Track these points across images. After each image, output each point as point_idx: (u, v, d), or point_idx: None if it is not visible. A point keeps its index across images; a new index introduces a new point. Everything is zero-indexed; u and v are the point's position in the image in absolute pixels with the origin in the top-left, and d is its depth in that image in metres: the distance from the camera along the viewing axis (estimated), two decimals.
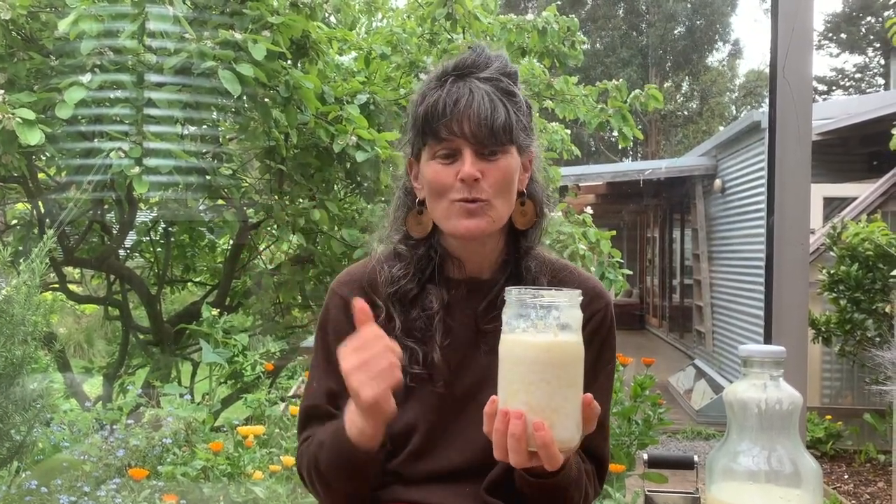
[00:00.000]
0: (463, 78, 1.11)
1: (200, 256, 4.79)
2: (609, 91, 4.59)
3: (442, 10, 4.02)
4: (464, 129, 1.08)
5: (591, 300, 1.17)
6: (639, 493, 2.78)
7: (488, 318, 1.15)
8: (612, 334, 1.19)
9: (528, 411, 0.86)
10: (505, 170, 1.11)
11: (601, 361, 1.16)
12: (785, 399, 0.89)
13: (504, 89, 1.11)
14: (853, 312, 5.49)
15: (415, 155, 1.17)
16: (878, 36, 21.34)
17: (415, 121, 1.14)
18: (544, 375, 0.86)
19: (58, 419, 3.41)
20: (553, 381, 0.86)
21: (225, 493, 2.59)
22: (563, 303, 0.89)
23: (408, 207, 1.21)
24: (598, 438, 1.12)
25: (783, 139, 1.80)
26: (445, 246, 1.19)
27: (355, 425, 1.02)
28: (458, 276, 1.19)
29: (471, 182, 1.08)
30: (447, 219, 1.12)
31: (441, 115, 1.08)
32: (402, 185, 1.24)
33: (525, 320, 0.88)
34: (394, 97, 3.82)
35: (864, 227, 5.53)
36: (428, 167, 1.13)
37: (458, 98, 1.08)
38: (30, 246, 3.38)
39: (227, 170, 3.61)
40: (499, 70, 1.13)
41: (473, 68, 1.12)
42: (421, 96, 1.14)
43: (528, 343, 0.88)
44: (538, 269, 1.18)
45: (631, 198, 12.47)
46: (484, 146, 1.09)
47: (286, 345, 3.99)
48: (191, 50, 2.85)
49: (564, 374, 0.87)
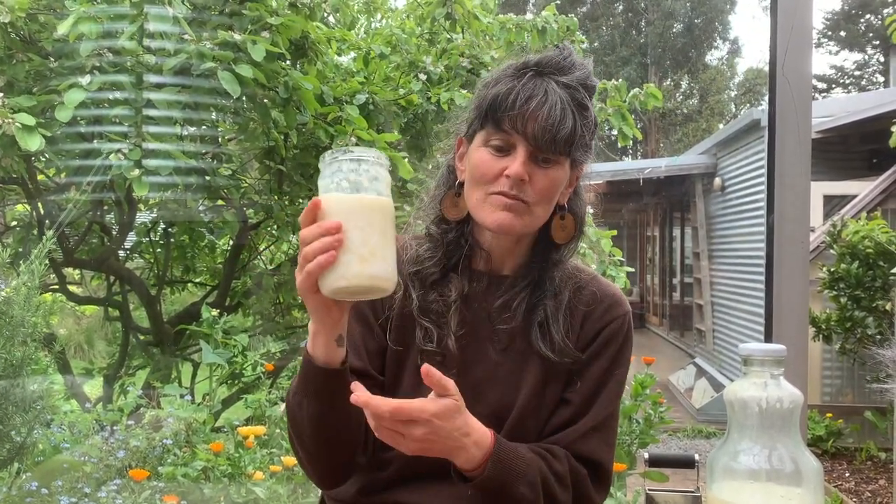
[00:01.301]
0: (542, 76, 1.08)
1: (200, 257, 4.79)
2: (608, 91, 4.59)
3: (441, 10, 4.02)
4: (527, 128, 1.06)
5: (610, 307, 1.17)
6: (640, 492, 2.78)
7: (503, 318, 1.14)
8: (628, 344, 1.18)
9: (346, 252, 0.89)
10: (553, 179, 1.09)
11: (613, 367, 1.15)
12: (785, 397, 0.89)
13: (579, 101, 1.08)
14: (854, 310, 5.49)
15: (469, 135, 1.15)
16: (878, 33, 21.34)
17: (480, 102, 1.12)
18: (359, 222, 0.89)
19: (58, 420, 3.41)
20: (366, 227, 0.90)
21: (225, 494, 2.59)
22: (370, 158, 0.93)
23: (448, 186, 1.19)
24: (593, 441, 1.11)
25: (783, 137, 1.80)
26: (476, 237, 1.17)
27: (310, 335, 1.02)
28: (482, 269, 1.18)
29: (517, 182, 1.07)
30: (481, 208, 1.10)
31: (510, 106, 1.06)
32: (445, 164, 1.22)
33: (337, 175, 0.92)
34: (393, 97, 3.82)
35: (865, 225, 5.54)
36: (477, 152, 1.11)
37: (531, 95, 1.06)
38: (29, 247, 3.38)
39: (226, 170, 3.61)
40: (579, 80, 1.09)
41: (556, 70, 1.09)
42: (494, 80, 1.12)
43: (343, 196, 0.92)
44: (562, 280, 1.17)
45: (631, 196, 12.46)
46: (541, 151, 1.07)
47: (286, 345, 3.98)
48: (190, 51, 2.85)
49: (376, 221, 0.91)
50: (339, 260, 0.89)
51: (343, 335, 1.01)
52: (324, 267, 0.89)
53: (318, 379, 1.02)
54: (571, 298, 1.16)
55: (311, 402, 1.03)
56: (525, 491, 1.03)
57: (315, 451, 1.08)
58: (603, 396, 1.14)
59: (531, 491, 1.04)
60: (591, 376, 1.14)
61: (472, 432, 0.98)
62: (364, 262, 0.89)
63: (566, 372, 1.14)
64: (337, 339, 1.01)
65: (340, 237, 0.88)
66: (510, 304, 1.14)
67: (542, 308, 1.14)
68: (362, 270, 0.89)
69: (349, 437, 1.08)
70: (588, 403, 1.13)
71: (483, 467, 1.00)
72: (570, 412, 1.13)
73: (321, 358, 1.01)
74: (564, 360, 1.13)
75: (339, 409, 1.03)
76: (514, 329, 1.14)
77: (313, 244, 0.89)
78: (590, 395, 1.13)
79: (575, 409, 1.13)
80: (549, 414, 1.14)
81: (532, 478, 1.04)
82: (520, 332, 1.14)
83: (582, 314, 1.16)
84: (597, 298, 1.17)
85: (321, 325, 0.99)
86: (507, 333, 1.14)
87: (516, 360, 1.13)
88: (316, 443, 1.07)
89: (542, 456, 1.08)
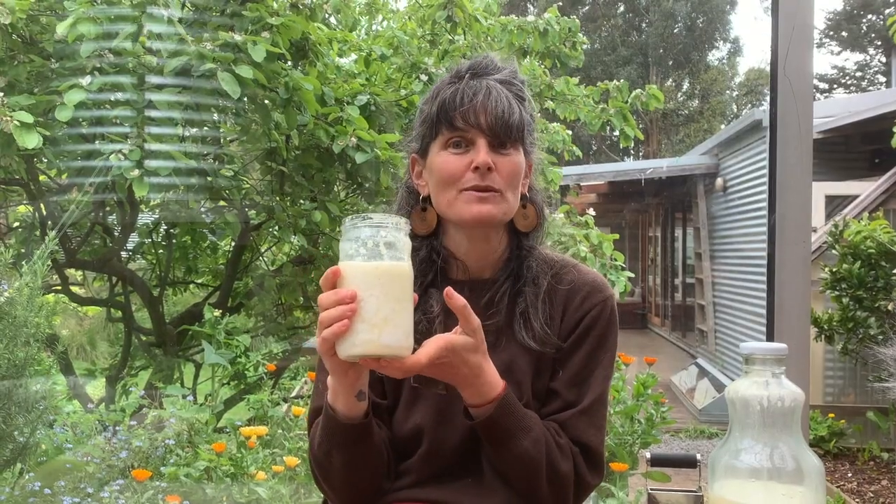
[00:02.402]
0: (479, 77, 1.16)
1: (202, 258, 4.79)
2: (610, 91, 4.59)
3: (442, 13, 4.02)
4: (480, 120, 1.12)
5: (589, 294, 1.19)
6: (641, 492, 2.78)
7: (489, 315, 1.16)
8: (612, 328, 1.19)
9: (360, 321, 0.92)
10: (515, 164, 1.14)
11: (597, 352, 1.17)
12: (787, 396, 0.89)
13: (517, 93, 1.16)
14: (855, 310, 5.48)
15: (422, 150, 1.19)
16: (880, 34, 21.32)
17: (426, 115, 1.17)
18: (373, 290, 0.91)
19: (60, 421, 3.42)
20: (381, 295, 0.91)
21: (228, 494, 2.59)
22: (389, 224, 0.94)
23: (411, 206, 1.22)
24: (582, 423, 1.13)
25: (784, 137, 1.80)
26: (448, 246, 1.20)
27: (331, 389, 1.04)
28: (461, 278, 1.20)
29: (485, 171, 1.11)
30: (454, 207, 1.14)
31: (459, 104, 1.12)
32: (403, 186, 1.26)
33: (356, 242, 0.94)
34: (394, 98, 3.82)
35: (866, 225, 5.52)
36: (438, 157, 1.15)
37: (476, 91, 1.13)
38: (32, 248, 3.39)
39: (228, 171, 3.61)
40: (511, 75, 1.18)
41: (488, 71, 1.17)
42: (435, 92, 1.18)
43: (358, 264, 0.94)
44: (539, 267, 1.20)
45: (632, 197, 12.46)
46: (498, 139, 1.12)
47: (288, 346, 3.99)
48: (190, 52, 2.85)
49: (392, 288, 0.93)
50: (353, 328, 0.92)
51: (364, 391, 1.05)
52: (338, 335, 0.92)
53: (342, 433, 1.06)
54: (552, 286, 1.19)
55: (339, 452, 1.08)
56: (529, 446, 1.06)
57: (345, 491, 1.13)
58: (590, 381, 1.16)
59: (535, 448, 1.07)
60: (576, 363, 1.16)
61: (484, 374, 1.03)
62: (377, 330, 0.91)
63: (554, 361, 1.17)
64: (357, 395, 1.04)
65: (354, 307, 0.91)
66: (494, 299, 1.17)
67: (522, 297, 1.17)
68: (374, 339, 0.91)
69: (377, 471, 1.12)
70: (576, 390, 1.15)
71: (489, 408, 1.04)
72: (560, 400, 1.15)
73: (343, 412, 1.05)
74: (546, 350, 1.15)
75: (367, 455, 1.08)
76: (499, 325, 1.17)
77: (329, 311, 0.92)
78: (578, 381, 1.15)
79: (564, 397, 1.15)
80: (542, 405, 1.16)
81: (537, 435, 1.07)
82: (505, 326, 1.17)
83: (563, 302, 1.18)
84: (576, 286, 1.19)
85: (340, 384, 1.03)
86: (494, 331, 1.16)
87: (505, 356, 1.15)
88: (345, 485, 1.12)
89: (546, 426, 1.11)
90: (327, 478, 1.12)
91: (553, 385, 1.16)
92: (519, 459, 1.06)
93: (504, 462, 1.08)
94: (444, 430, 1.13)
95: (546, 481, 1.08)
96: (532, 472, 1.07)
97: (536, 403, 1.15)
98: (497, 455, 1.08)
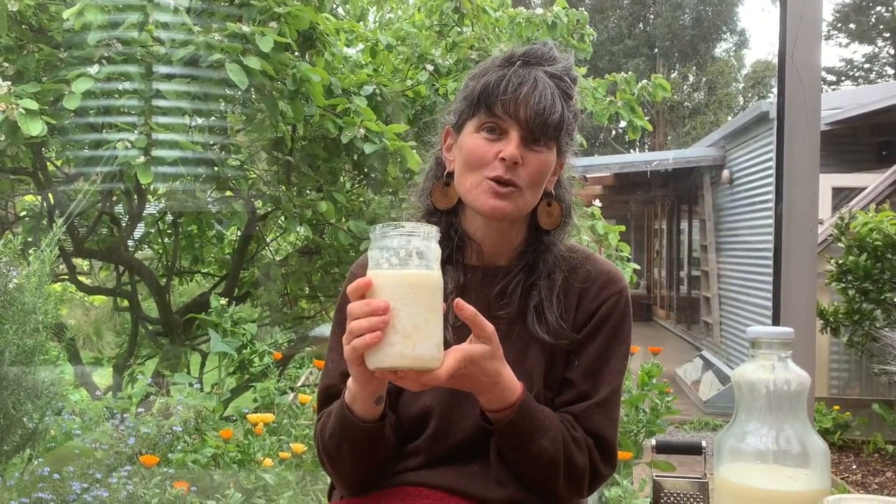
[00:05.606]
0: (530, 66, 1.13)
1: (208, 247, 4.80)
2: (618, 83, 4.58)
3: (450, 4, 4.02)
4: (519, 112, 1.10)
5: (605, 284, 1.18)
6: (646, 481, 2.79)
7: (501, 304, 1.16)
8: (627, 320, 1.19)
9: (392, 332, 0.90)
10: (544, 163, 1.13)
11: (612, 344, 1.17)
12: (793, 379, 0.90)
13: (564, 90, 1.14)
14: (861, 303, 5.47)
15: (457, 125, 1.18)
16: (888, 26, 21.19)
17: (470, 91, 1.15)
18: (405, 300, 0.90)
19: (69, 408, 3.44)
20: (413, 305, 0.90)
21: (235, 480, 2.61)
22: (420, 233, 0.93)
23: (436, 177, 1.22)
24: (597, 415, 1.13)
25: (791, 129, 1.79)
26: (466, 229, 1.19)
27: (350, 391, 1.04)
28: (475, 262, 1.20)
29: (511, 164, 1.10)
30: (474, 194, 1.13)
31: (502, 92, 1.10)
32: (433, 155, 1.25)
33: (387, 251, 0.92)
34: (401, 88, 3.82)
35: (873, 218, 5.51)
36: (469, 138, 1.14)
37: (522, 82, 1.11)
38: (39, 237, 3.40)
39: (234, 161, 3.62)
40: (564, 70, 1.15)
41: (542, 61, 1.14)
42: (483, 70, 1.16)
43: (390, 273, 0.92)
44: (555, 262, 1.19)
45: (638, 189, 12.43)
46: (532, 134, 1.11)
47: (294, 335, 4.00)
48: (198, 42, 2.85)
49: (423, 298, 0.91)
50: (385, 340, 0.90)
51: (383, 395, 1.05)
52: (370, 345, 0.90)
53: (356, 432, 1.06)
54: (566, 279, 1.18)
55: (351, 447, 1.08)
56: (547, 445, 1.06)
57: (352, 477, 1.14)
58: (605, 373, 1.16)
59: (553, 446, 1.07)
60: (591, 354, 1.16)
61: (502, 381, 1.02)
62: (409, 342, 0.90)
63: (567, 352, 1.16)
64: (376, 400, 1.04)
65: (387, 318, 0.90)
66: (506, 289, 1.17)
67: (536, 291, 1.16)
68: (406, 352, 0.90)
69: (386, 460, 1.13)
70: (591, 381, 1.15)
71: (508, 413, 1.04)
72: (574, 391, 1.15)
73: (360, 415, 1.05)
74: (561, 342, 1.15)
75: (378, 450, 1.09)
76: (511, 315, 1.16)
77: (360, 321, 0.90)
78: (593, 372, 1.15)
79: (578, 388, 1.15)
80: (555, 395, 1.16)
81: (555, 434, 1.07)
82: (517, 317, 1.17)
83: (577, 294, 1.18)
84: (591, 277, 1.19)
85: (362, 390, 1.02)
86: (506, 321, 1.15)
87: (518, 346, 1.15)
88: (353, 472, 1.13)
89: (562, 419, 1.11)
90: (335, 464, 1.13)
91: (568, 374, 1.16)
92: (538, 459, 1.07)
93: (522, 462, 1.08)
94: (453, 413, 1.13)
95: (563, 476, 1.09)
96: (551, 470, 1.08)
97: (549, 393, 1.15)
98: (516, 455, 1.08)
